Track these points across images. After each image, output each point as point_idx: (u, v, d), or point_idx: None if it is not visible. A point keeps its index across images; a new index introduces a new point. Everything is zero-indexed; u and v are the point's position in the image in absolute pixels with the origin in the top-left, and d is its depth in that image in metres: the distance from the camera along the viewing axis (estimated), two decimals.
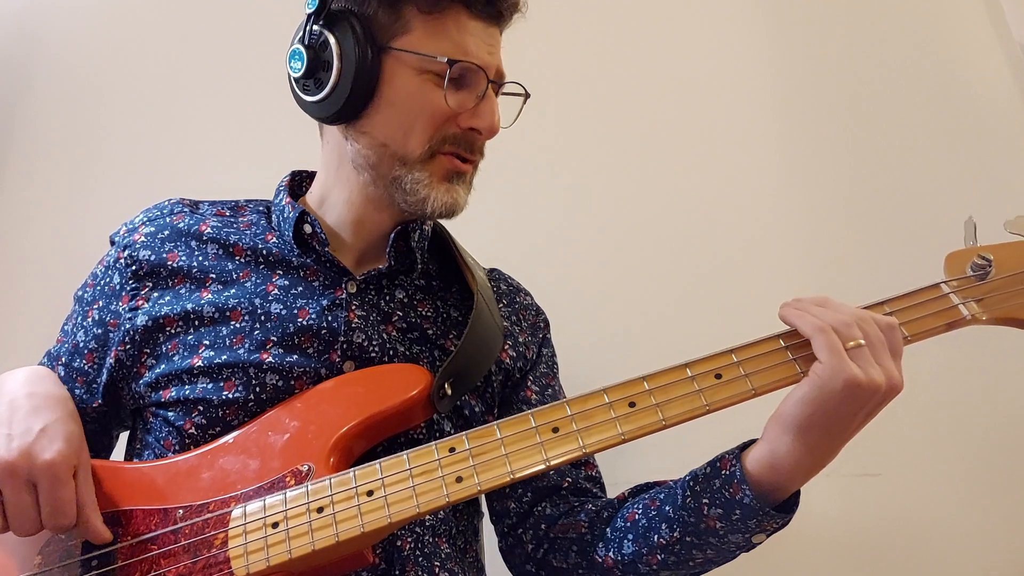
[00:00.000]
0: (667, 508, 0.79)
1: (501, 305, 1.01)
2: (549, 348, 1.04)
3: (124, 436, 0.95)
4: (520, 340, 0.99)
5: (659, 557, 0.79)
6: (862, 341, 0.69)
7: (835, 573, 1.23)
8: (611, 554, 0.83)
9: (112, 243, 0.94)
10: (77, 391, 0.89)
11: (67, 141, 1.57)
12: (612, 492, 0.92)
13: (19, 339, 1.02)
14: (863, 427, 0.72)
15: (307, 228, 0.90)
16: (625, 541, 0.82)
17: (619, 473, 0.96)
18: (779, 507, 0.74)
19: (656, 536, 0.79)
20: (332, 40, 0.83)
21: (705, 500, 0.75)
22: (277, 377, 0.83)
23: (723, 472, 0.75)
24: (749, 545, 0.77)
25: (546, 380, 1.00)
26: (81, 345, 0.90)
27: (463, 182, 0.89)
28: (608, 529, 0.84)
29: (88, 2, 1.65)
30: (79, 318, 0.92)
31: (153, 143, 1.55)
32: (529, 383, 0.98)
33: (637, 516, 0.82)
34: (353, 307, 0.88)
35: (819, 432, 0.70)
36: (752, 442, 0.76)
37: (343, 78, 0.83)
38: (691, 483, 0.78)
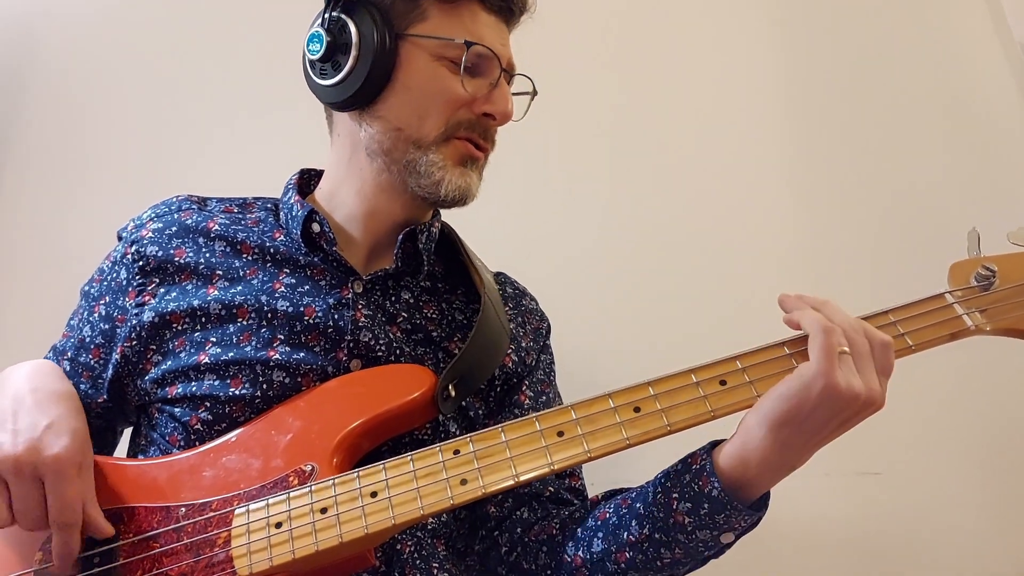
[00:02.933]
0: (638, 505, 0.79)
1: (508, 308, 1.01)
2: (548, 355, 1.04)
3: (127, 432, 0.94)
4: (523, 345, 0.99)
5: (627, 555, 0.78)
6: (846, 349, 0.69)
7: (836, 571, 1.23)
8: (580, 553, 0.82)
9: (119, 238, 0.94)
10: (83, 386, 0.89)
11: (68, 139, 1.56)
12: None
13: (25, 335, 1.01)
14: (837, 435, 0.71)
15: (315, 227, 0.90)
16: (595, 539, 0.81)
17: (620, 478, 0.97)
18: (749, 506, 0.73)
19: (626, 533, 0.78)
20: (351, 24, 0.85)
21: (675, 495, 0.75)
22: (284, 374, 0.83)
23: (693, 467, 0.75)
24: (718, 545, 0.75)
25: (541, 387, 1.00)
26: (87, 340, 0.89)
27: (476, 168, 0.91)
28: (579, 529, 0.84)
29: (86, 4, 1.64)
30: (85, 313, 0.91)
31: (155, 143, 1.55)
32: (524, 387, 0.97)
33: (608, 514, 0.82)
34: (359, 307, 0.88)
35: (792, 430, 0.69)
36: (721, 440, 0.76)
37: (361, 61, 0.85)
38: (662, 480, 0.78)
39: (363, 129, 0.90)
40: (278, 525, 0.72)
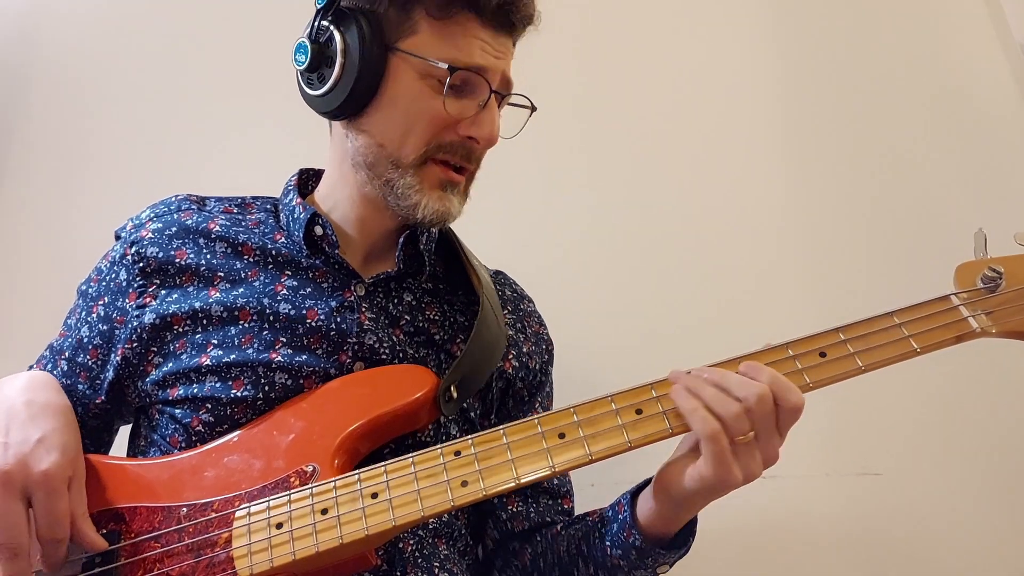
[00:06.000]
0: (584, 547, 0.85)
1: (506, 311, 1.00)
2: (551, 371, 1.05)
3: (124, 434, 0.94)
4: (524, 350, 0.99)
5: None
6: (751, 435, 0.69)
7: (836, 571, 1.23)
8: None
9: (117, 238, 0.93)
10: (80, 386, 0.88)
11: (66, 140, 1.55)
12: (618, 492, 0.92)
13: (25, 333, 1.00)
14: None
15: (318, 230, 0.90)
16: (553, 574, 0.88)
17: (623, 477, 0.96)
18: (680, 534, 0.79)
19: (576, 571, 0.85)
20: (337, 36, 0.83)
21: (608, 542, 0.82)
22: (286, 376, 0.83)
23: (619, 516, 0.81)
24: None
25: (548, 402, 1.03)
26: (85, 340, 0.89)
27: (457, 192, 0.88)
28: (542, 563, 0.90)
29: (87, 4, 1.64)
30: (83, 313, 0.91)
31: (155, 142, 1.54)
32: (536, 404, 1.00)
33: (562, 552, 0.88)
34: (363, 309, 0.88)
35: (702, 501, 0.75)
36: (649, 481, 0.80)
37: (346, 74, 0.83)
38: (599, 523, 0.84)
39: (350, 140, 0.89)
40: (279, 526, 0.72)
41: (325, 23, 0.84)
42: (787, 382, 0.71)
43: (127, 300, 0.87)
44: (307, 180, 1.00)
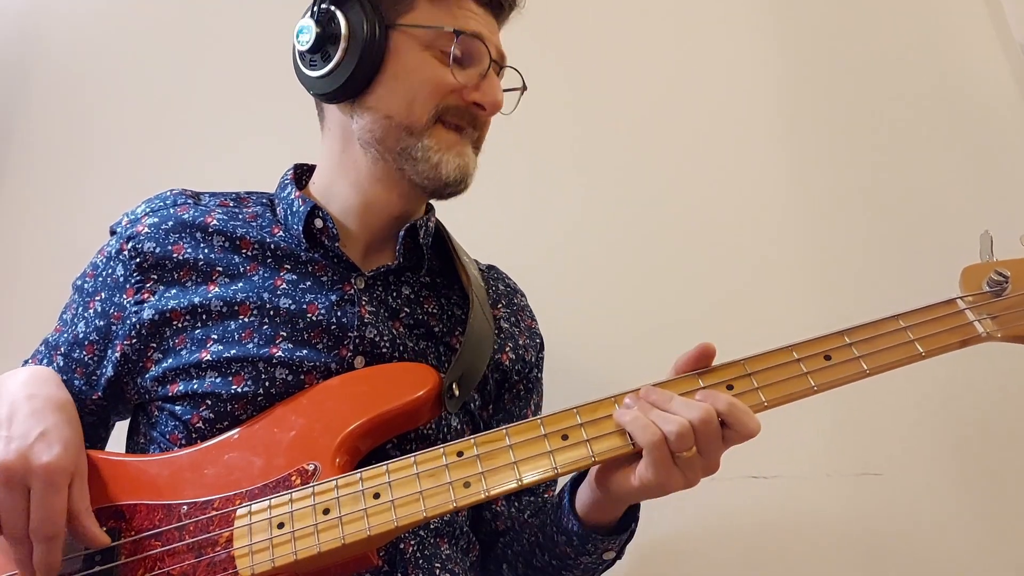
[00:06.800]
0: (540, 535, 0.88)
1: (500, 306, 1.01)
2: (543, 367, 1.07)
3: (122, 430, 0.94)
4: (520, 343, 1.00)
5: None
6: (694, 450, 0.69)
7: (836, 571, 1.24)
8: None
9: (112, 233, 0.92)
10: (76, 382, 0.87)
11: (66, 139, 1.55)
12: None
13: (27, 329, 1.00)
14: None
15: (318, 223, 0.90)
16: (519, 564, 0.92)
17: None
18: (622, 519, 0.81)
19: (535, 560, 0.89)
20: (340, 15, 0.85)
21: (554, 529, 0.85)
22: (287, 371, 0.82)
23: (562, 503, 0.84)
24: (602, 562, 0.85)
25: (540, 399, 1.05)
26: (81, 336, 0.88)
27: (471, 148, 0.91)
28: (510, 552, 0.93)
29: (87, 3, 1.63)
30: (79, 308, 0.90)
31: (152, 142, 1.54)
32: (532, 405, 1.01)
33: (524, 541, 0.91)
34: (363, 303, 0.87)
35: (641, 498, 0.76)
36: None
37: (350, 52, 0.85)
38: (551, 511, 0.87)
39: (355, 120, 0.89)
40: (280, 526, 0.72)
41: (326, 4, 0.86)
42: (745, 408, 0.70)
43: (124, 296, 0.86)
44: (302, 175, 1.00)
